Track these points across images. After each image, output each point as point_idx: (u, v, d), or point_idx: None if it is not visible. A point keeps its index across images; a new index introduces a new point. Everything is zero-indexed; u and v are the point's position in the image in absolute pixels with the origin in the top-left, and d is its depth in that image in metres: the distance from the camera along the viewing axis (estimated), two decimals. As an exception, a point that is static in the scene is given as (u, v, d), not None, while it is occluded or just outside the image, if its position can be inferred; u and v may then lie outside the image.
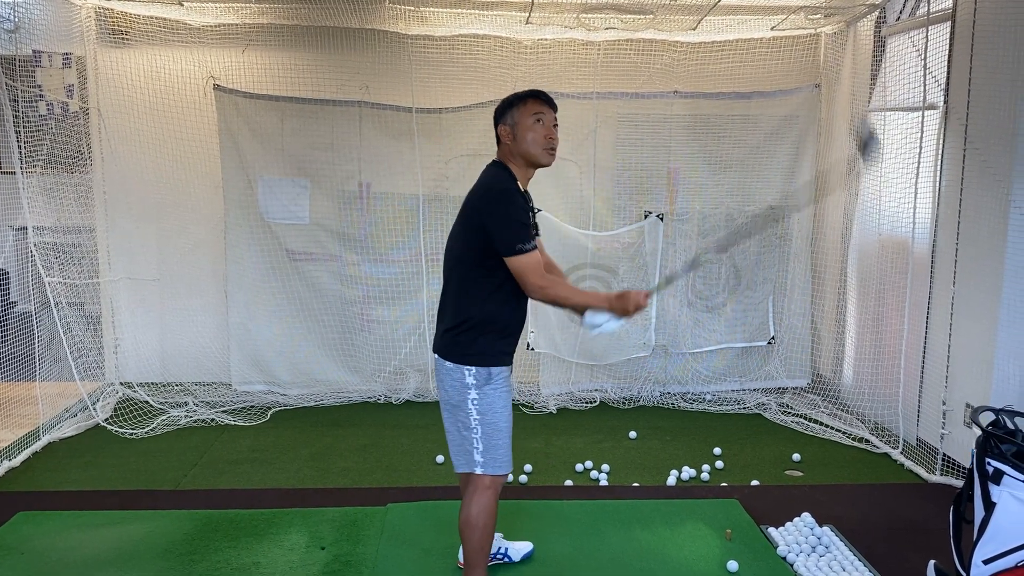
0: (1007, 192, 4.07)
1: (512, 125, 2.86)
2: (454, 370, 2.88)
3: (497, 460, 2.89)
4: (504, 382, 2.91)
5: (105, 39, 5.62)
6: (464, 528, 2.91)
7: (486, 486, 2.90)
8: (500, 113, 2.92)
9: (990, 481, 2.67)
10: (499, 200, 2.77)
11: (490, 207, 2.77)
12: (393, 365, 5.90)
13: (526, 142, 2.84)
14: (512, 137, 2.86)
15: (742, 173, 5.88)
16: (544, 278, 2.79)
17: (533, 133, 2.83)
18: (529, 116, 2.84)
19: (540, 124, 2.84)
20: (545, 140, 2.85)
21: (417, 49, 5.68)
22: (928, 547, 3.51)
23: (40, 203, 5.06)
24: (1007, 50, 4.04)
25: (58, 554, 3.46)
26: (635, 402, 5.85)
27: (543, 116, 2.86)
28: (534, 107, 2.86)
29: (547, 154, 2.87)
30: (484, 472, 2.89)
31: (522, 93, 2.91)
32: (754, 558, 3.47)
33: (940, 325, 4.58)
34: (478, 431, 2.88)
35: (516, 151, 2.87)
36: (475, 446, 2.89)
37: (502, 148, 2.92)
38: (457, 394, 2.89)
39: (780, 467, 4.68)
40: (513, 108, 2.87)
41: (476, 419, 2.88)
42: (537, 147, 2.85)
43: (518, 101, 2.88)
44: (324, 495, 4.14)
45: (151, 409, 5.44)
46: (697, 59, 5.83)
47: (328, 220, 5.79)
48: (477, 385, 2.86)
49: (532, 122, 2.84)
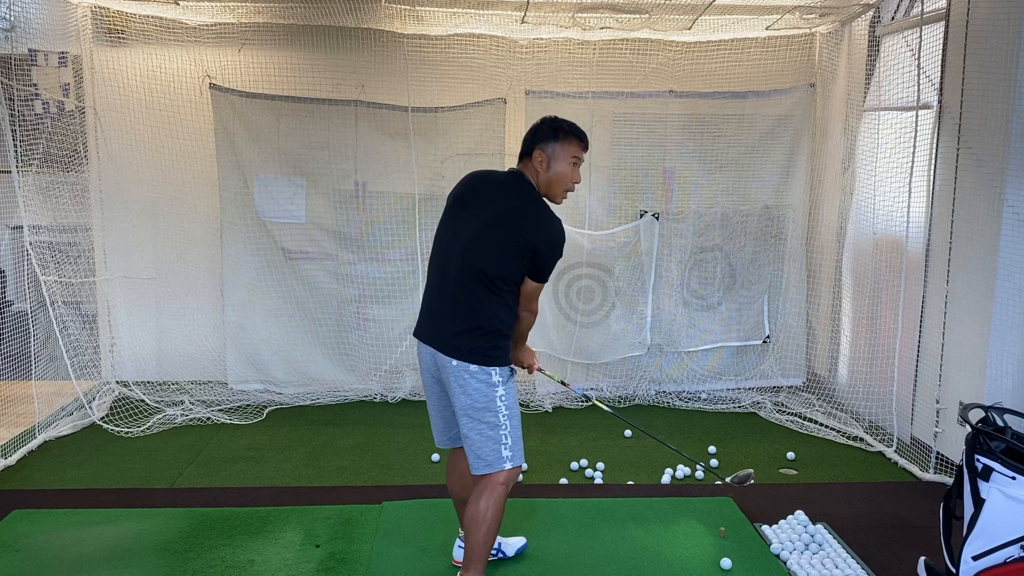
0: (1000, 191, 4.09)
1: (551, 156, 2.98)
2: (479, 372, 2.92)
3: (520, 451, 3.01)
4: (512, 380, 3.05)
5: (101, 38, 5.62)
6: (471, 523, 2.94)
7: (500, 482, 2.95)
8: (543, 137, 3.00)
9: (979, 477, 2.69)
10: (561, 240, 2.96)
11: (551, 241, 2.93)
12: (389, 364, 5.91)
13: (554, 176, 2.98)
14: (546, 167, 2.98)
15: (737, 172, 5.89)
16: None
17: (565, 173, 2.99)
18: (568, 157, 2.99)
19: (574, 169, 3.01)
20: (570, 184, 3.03)
21: (413, 48, 5.69)
22: (921, 544, 3.53)
23: (36, 202, 5.06)
24: (1000, 50, 4.05)
25: (53, 552, 3.46)
26: (630, 401, 5.86)
27: (579, 161, 3.02)
28: (575, 150, 3.00)
29: (563, 196, 3.05)
30: (513, 465, 2.96)
31: (567, 128, 3.00)
32: (748, 556, 3.48)
33: (934, 324, 4.59)
34: (507, 426, 2.96)
35: (541, 180, 3.00)
36: (504, 442, 2.95)
37: (528, 167, 3.02)
38: (483, 396, 2.93)
39: (774, 465, 4.69)
40: (557, 141, 2.98)
41: (505, 414, 2.96)
42: (560, 187, 3.01)
43: (563, 136, 2.98)
44: (319, 493, 4.15)
45: (147, 408, 5.45)
46: (692, 59, 5.84)
47: (324, 219, 5.80)
48: (503, 382, 2.97)
49: (568, 164, 2.99)
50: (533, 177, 3.01)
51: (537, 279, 2.97)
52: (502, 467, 2.94)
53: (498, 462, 2.94)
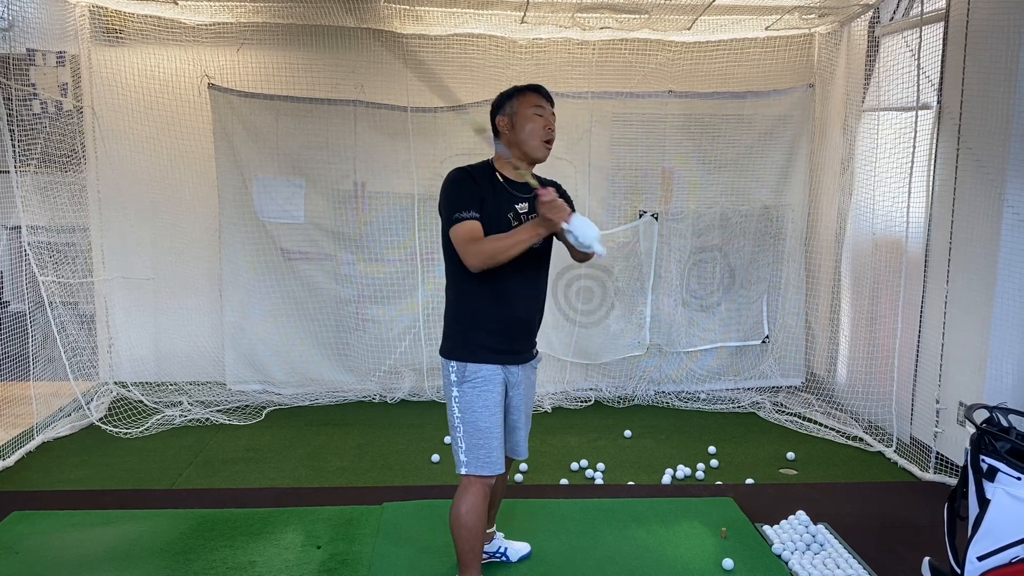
0: (1000, 191, 4.09)
1: (511, 115, 2.85)
2: (443, 365, 2.89)
3: (480, 460, 2.83)
4: (484, 382, 2.82)
5: (99, 38, 5.60)
6: (453, 527, 2.89)
7: (470, 484, 2.86)
8: (498, 104, 2.91)
9: (984, 478, 2.69)
10: (450, 178, 2.78)
11: (442, 185, 2.80)
12: (388, 364, 5.90)
13: (524, 132, 2.82)
14: (510, 127, 2.84)
15: (736, 173, 5.90)
16: (476, 242, 2.67)
17: (532, 124, 2.81)
18: (529, 108, 2.83)
19: (540, 116, 2.83)
20: (544, 131, 2.83)
21: (412, 48, 5.68)
22: (922, 544, 3.53)
23: (34, 202, 5.04)
24: (1000, 50, 4.06)
25: (53, 553, 3.45)
26: (630, 401, 5.86)
27: (542, 110, 2.85)
28: (534, 99, 2.85)
29: (543, 147, 2.85)
30: (468, 472, 2.85)
31: (521, 86, 2.91)
32: (749, 556, 3.47)
33: (934, 324, 4.60)
34: (460, 430, 2.85)
35: (513, 141, 2.84)
36: (459, 445, 2.86)
37: (500, 139, 2.89)
38: (446, 390, 2.91)
39: (774, 465, 4.69)
40: (512, 99, 2.86)
41: (458, 417, 2.85)
42: (535, 138, 2.82)
43: (517, 93, 2.87)
44: (320, 494, 4.14)
45: (145, 408, 5.43)
46: (691, 59, 5.85)
47: (323, 219, 5.79)
48: (457, 382, 2.85)
49: (531, 114, 2.82)
50: (506, 147, 2.84)
51: (444, 227, 2.75)
52: (459, 471, 2.87)
53: (457, 464, 2.88)
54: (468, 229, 2.69)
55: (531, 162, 2.88)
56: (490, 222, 2.75)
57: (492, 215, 2.76)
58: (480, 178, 2.80)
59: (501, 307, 2.83)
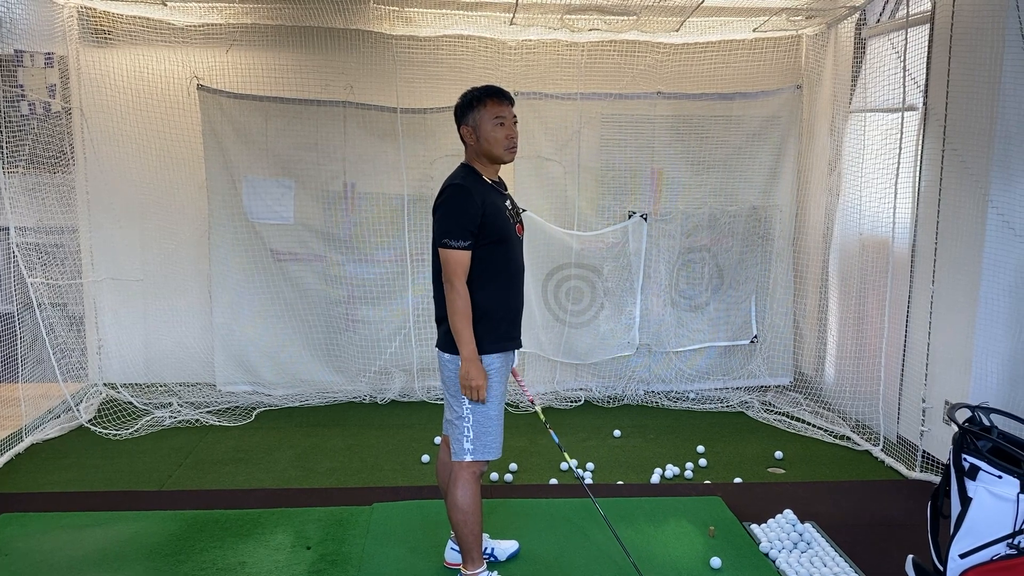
0: (985, 192, 4.13)
1: (474, 127, 3.00)
2: (449, 360, 3.00)
3: (486, 447, 3.02)
4: (495, 373, 3.00)
5: (88, 39, 5.59)
6: (454, 513, 3.03)
7: (465, 469, 3.02)
8: (461, 114, 3.04)
9: (966, 476, 2.72)
10: (452, 195, 2.93)
11: (444, 199, 2.94)
12: (378, 365, 5.90)
13: (489, 143, 2.99)
14: (476, 139, 3.01)
15: (725, 173, 5.93)
16: (463, 284, 2.89)
17: (495, 134, 2.98)
18: (490, 120, 2.98)
19: (501, 126, 2.98)
20: (506, 140, 3.00)
21: (402, 49, 5.69)
22: (908, 542, 3.56)
23: (22, 203, 5.03)
24: (985, 52, 4.10)
25: (42, 555, 3.45)
26: (619, 401, 5.88)
27: (504, 118, 2.99)
28: (495, 110, 2.98)
29: (509, 153, 3.03)
30: (473, 459, 3.01)
31: (479, 92, 3.01)
32: (737, 555, 3.50)
33: (920, 323, 4.64)
34: (469, 420, 3.00)
35: (480, 151, 3.02)
36: (466, 434, 3.00)
37: (468, 149, 3.06)
38: (453, 384, 3.01)
39: (763, 465, 4.72)
40: (473, 111, 3.00)
41: (468, 408, 2.99)
42: (500, 147, 3.00)
43: (477, 103, 2.99)
44: (309, 495, 4.15)
45: (135, 410, 5.43)
46: (680, 60, 5.87)
47: (313, 220, 5.79)
48: None
49: (494, 125, 2.98)
50: (473, 157, 3.05)
51: (435, 238, 2.93)
52: (462, 458, 3.02)
53: (460, 452, 3.03)
54: (460, 264, 2.90)
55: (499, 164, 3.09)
56: (495, 221, 2.96)
57: (492, 215, 2.95)
58: (475, 191, 2.94)
59: (493, 300, 3.01)
